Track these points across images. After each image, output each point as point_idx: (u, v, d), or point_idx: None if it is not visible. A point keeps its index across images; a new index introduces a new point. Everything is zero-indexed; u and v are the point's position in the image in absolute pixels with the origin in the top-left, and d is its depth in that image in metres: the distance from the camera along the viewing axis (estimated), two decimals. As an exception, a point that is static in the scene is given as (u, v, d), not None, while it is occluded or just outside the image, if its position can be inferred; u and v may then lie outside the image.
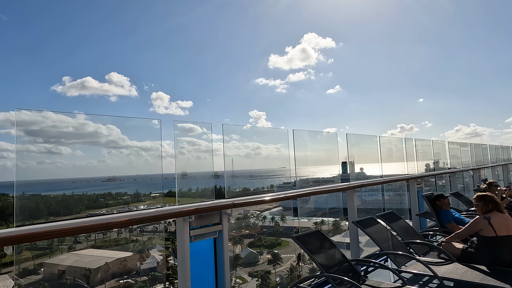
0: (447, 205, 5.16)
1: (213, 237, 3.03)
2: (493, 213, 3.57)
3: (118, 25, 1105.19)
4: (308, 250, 3.16)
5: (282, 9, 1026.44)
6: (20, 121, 2.92)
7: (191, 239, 2.81)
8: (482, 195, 3.79)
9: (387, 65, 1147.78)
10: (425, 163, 9.03)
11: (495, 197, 3.70)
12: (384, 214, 4.56)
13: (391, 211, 4.70)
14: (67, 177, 3.84)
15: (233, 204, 3.08)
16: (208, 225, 2.95)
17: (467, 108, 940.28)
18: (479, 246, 3.55)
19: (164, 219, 2.79)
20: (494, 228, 3.41)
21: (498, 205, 3.62)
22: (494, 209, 3.60)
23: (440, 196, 5.31)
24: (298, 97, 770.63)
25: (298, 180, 6.34)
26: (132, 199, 5.02)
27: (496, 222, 3.45)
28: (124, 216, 2.46)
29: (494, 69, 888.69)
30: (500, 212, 3.59)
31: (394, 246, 3.90)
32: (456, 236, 3.83)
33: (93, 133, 3.59)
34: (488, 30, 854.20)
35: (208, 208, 2.85)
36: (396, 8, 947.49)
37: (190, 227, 2.81)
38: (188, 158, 5.31)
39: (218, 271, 3.05)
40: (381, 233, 4.02)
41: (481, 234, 3.50)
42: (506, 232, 3.41)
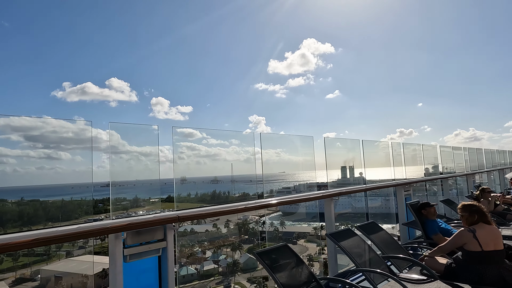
0: (433, 214, 4.84)
1: (156, 255, 2.65)
2: (479, 225, 3.27)
3: (119, 31, 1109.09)
4: (270, 268, 2.84)
5: (281, 15, 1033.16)
6: (20, 126, 2.92)
7: (126, 259, 2.43)
8: (467, 205, 3.47)
9: (386, 70, 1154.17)
10: (425, 167, 8.99)
11: (482, 207, 3.40)
12: (364, 225, 4.28)
13: (372, 221, 4.43)
14: (66, 183, 3.83)
15: (178, 218, 2.69)
16: (151, 241, 2.59)
17: (466, 112, 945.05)
18: (464, 262, 3.21)
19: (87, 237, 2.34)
20: (479, 242, 3.10)
21: (485, 216, 3.32)
22: (480, 221, 3.30)
23: (425, 204, 4.97)
24: (298, 102, 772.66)
25: (298, 185, 6.35)
26: (131, 204, 5.02)
27: (482, 235, 3.14)
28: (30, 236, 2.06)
29: (493, 74, 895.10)
30: (487, 223, 3.29)
31: (372, 261, 3.55)
32: (439, 250, 3.49)
33: (93, 138, 3.58)
34: (487, 35, 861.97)
35: (146, 223, 2.50)
36: (395, 14, 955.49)
37: (125, 245, 2.44)
38: (188, 163, 5.30)
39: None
40: (358, 247, 3.68)
41: (466, 249, 3.19)
42: (493, 247, 3.09)
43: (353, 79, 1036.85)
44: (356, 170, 6.26)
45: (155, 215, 2.71)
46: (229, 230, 24.30)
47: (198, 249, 22.88)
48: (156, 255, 2.63)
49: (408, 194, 6.36)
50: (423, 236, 4.80)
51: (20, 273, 20.01)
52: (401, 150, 7.53)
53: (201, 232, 23.55)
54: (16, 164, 2.96)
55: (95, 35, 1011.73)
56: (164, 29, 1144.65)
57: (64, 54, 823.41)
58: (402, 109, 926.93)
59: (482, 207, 3.39)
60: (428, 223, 4.75)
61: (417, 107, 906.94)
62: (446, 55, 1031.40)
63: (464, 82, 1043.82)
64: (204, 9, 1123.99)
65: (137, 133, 3.96)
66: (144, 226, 2.48)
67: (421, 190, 9.39)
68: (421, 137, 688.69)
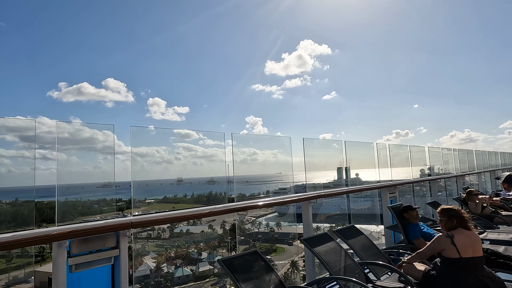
0: (416, 218, 4.69)
1: (109, 264, 2.47)
2: (458, 231, 3.13)
3: (116, 32, 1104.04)
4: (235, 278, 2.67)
5: (278, 16, 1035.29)
6: (15, 126, 2.90)
7: (71, 269, 2.26)
8: (446, 209, 3.33)
9: (382, 72, 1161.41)
10: (420, 168, 9.03)
11: (461, 211, 3.26)
12: (343, 229, 4.10)
13: (351, 225, 4.31)
14: (62, 183, 3.80)
15: (131, 224, 2.51)
16: (102, 249, 2.41)
17: (461, 114, 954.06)
18: (442, 269, 3.11)
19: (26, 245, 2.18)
20: (457, 248, 2.97)
21: (465, 221, 3.17)
22: (459, 226, 3.16)
23: (407, 207, 4.81)
24: (295, 103, 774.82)
25: (294, 186, 6.35)
26: (127, 205, 5.00)
27: (460, 241, 3.02)
28: None
29: (489, 76, 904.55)
30: (466, 229, 3.15)
31: (348, 268, 3.40)
32: (418, 256, 3.36)
33: (89, 139, 3.57)
34: (483, 37, 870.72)
35: (94, 230, 2.33)
36: (391, 16, 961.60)
37: (70, 253, 2.26)
38: (184, 164, 5.30)
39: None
40: (334, 253, 3.52)
41: (444, 255, 3.06)
42: (471, 253, 2.97)
43: (349, 80, 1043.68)
44: (352, 171, 6.28)
45: (106, 221, 2.57)
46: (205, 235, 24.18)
47: (194, 250, 22.82)
48: (108, 264, 2.45)
49: (394, 196, 6.20)
50: (404, 240, 4.66)
51: (13, 275, 19.80)
52: (387, 152, 7.49)
53: (197, 233, 23.50)
54: (11, 164, 2.94)
55: (91, 35, 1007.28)
56: (161, 30, 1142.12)
57: (60, 54, 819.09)
58: (398, 111, 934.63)
59: (462, 212, 3.25)
60: (410, 227, 4.62)
61: (413, 108, 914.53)
62: (442, 56, 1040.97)
63: (459, 83, 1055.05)
64: (201, 10, 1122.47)
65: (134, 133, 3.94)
66: (92, 233, 2.30)
67: (409, 192, 9.42)
68: (417, 138, 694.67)
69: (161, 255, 21.06)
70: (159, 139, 3.97)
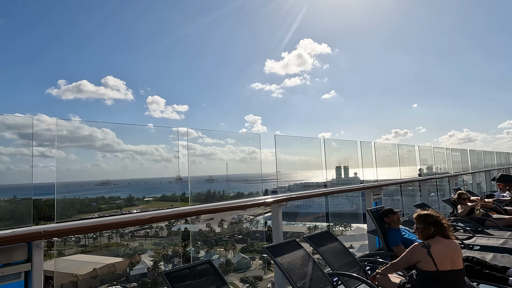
0: (397, 222, 4.36)
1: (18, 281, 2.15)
2: (436, 240, 2.83)
3: (116, 31, 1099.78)
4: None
5: (278, 15, 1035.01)
6: (14, 124, 2.89)
7: None
8: (423, 215, 3.01)
9: (382, 71, 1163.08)
10: (418, 168, 9.01)
11: (440, 217, 2.96)
12: (315, 235, 3.75)
13: (326, 230, 3.97)
14: (60, 181, 3.80)
15: (43, 234, 2.21)
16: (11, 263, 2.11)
17: (460, 113, 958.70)
18: (417, 283, 2.80)
19: None
20: (434, 259, 2.66)
21: (443, 229, 2.87)
22: (437, 234, 2.86)
23: (388, 211, 4.46)
24: (294, 102, 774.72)
25: (292, 185, 6.37)
26: (125, 203, 4.98)
27: (438, 252, 2.71)
28: None
29: (488, 76, 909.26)
30: (445, 237, 2.84)
31: (314, 281, 3.09)
32: (392, 267, 3.03)
33: (88, 136, 3.56)
34: (482, 37, 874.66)
35: None
36: (391, 16, 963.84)
37: None
38: (183, 162, 5.28)
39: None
40: (300, 263, 3.18)
41: (419, 267, 2.75)
42: (450, 265, 2.67)
43: (349, 80, 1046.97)
44: (351, 170, 6.30)
45: (13, 231, 2.22)
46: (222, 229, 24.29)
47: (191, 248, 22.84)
48: (17, 280, 2.13)
49: (378, 198, 5.87)
50: (384, 247, 4.32)
51: (10, 272, 19.74)
52: (372, 152, 6.95)
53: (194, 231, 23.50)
54: (10, 162, 2.93)
55: (91, 33, 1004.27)
56: (161, 29, 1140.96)
57: (60, 52, 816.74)
58: (397, 110, 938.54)
59: (440, 218, 2.95)
60: (390, 233, 4.30)
61: (412, 108, 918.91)
62: (442, 56, 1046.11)
63: (459, 83, 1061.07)
64: (201, 9, 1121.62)
65: (132, 131, 3.94)
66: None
67: (394, 193, 9.33)
68: (416, 137, 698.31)
69: (158, 253, 21.05)
70: (158, 137, 3.97)
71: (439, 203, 8.27)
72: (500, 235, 4.95)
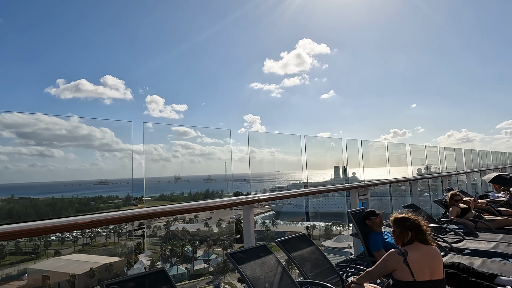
0: (379, 225, 4.11)
1: None
2: (414, 246, 2.57)
3: (115, 29, 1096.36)
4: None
5: (278, 15, 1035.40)
6: (12, 123, 2.88)
7: None
8: (399, 219, 2.75)
9: (380, 71, 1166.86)
10: (417, 168, 8.96)
11: (419, 221, 2.69)
12: (288, 240, 3.42)
13: (301, 234, 3.63)
14: (59, 180, 3.79)
15: None
16: None
17: (459, 113, 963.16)
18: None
19: None
20: (410, 268, 2.41)
21: (422, 234, 2.61)
22: (415, 240, 2.59)
23: (370, 213, 4.18)
24: (293, 102, 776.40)
25: (291, 184, 6.37)
26: (124, 202, 4.97)
27: (415, 259, 2.45)
28: None
29: (487, 76, 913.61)
30: (424, 243, 2.58)
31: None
32: (367, 276, 2.73)
33: (86, 135, 3.55)
34: (481, 37, 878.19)
35: None
36: (390, 15, 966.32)
37: None
38: (182, 162, 5.28)
39: None
40: (268, 271, 2.89)
41: (395, 277, 2.50)
42: (428, 275, 2.43)
43: (348, 80, 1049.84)
44: (349, 170, 6.29)
45: None
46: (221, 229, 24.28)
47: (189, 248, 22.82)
48: None
49: (365, 198, 5.60)
50: (365, 252, 4.03)
51: (7, 272, 19.64)
52: (358, 151, 6.55)
53: (192, 230, 23.49)
54: (8, 161, 2.91)
55: (90, 32, 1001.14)
56: (161, 28, 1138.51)
57: (59, 51, 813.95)
58: (396, 110, 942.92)
59: (419, 222, 2.68)
60: (372, 236, 4.00)
61: (411, 108, 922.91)
62: (440, 56, 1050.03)
63: (457, 83, 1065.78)
64: (200, 10, 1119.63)
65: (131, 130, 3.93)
66: None
67: (383, 193, 9.16)
68: (414, 137, 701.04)
69: (156, 253, 21.01)
70: (157, 136, 3.96)
71: (432, 204, 7.98)
72: (492, 238, 4.74)
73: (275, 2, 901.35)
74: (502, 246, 4.29)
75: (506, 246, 4.27)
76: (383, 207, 10.09)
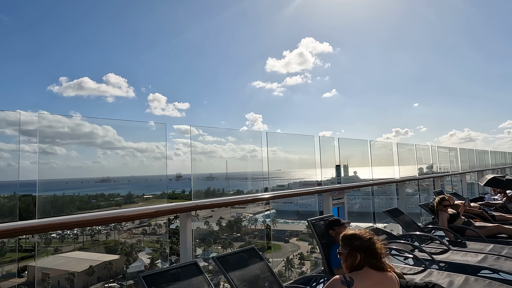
0: None
1: None
2: (363, 273, 2.04)
3: (118, 28, 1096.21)
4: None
5: (280, 14, 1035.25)
6: (15, 120, 2.89)
7: None
8: (348, 236, 2.20)
9: (383, 70, 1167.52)
10: (419, 167, 8.75)
11: (374, 240, 2.14)
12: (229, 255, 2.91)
13: (251, 247, 3.12)
14: (61, 178, 3.80)
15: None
16: None
17: (461, 113, 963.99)
18: None
19: None
20: None
21: (376, 258, 2.07)
22: (366, 264, 2.06)
23: (334, 223, 3.60)
24: (295, 101, 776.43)
25: (292, 183, 6.38)
26: (125, 200, 5.00)
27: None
28: None
29: (490, 75, 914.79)
30: (377, 269, 2.05)
31: None
32: None
33: (88, 133, 3.56)
34: (485, 35, 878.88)
35: None
36: (393, 14, 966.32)
37: None
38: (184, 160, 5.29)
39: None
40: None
41: None
42: None
43: (350, 79, 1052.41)
44: (350, 169, 6.30)
45: None
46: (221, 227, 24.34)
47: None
48: None
49: (340, 203, 5.11)
50: (326, 268, 3.46)
51: (7, 269, 19.69)
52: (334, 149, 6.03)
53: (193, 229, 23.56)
54: (10, 158, 2.93)
55: (93, 30, 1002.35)
56: (163, 27, 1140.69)
57: (62, 49, 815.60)
58: (398, 109, 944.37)
59: (374, 241, 2.14)
60: (334, 250, 3.34)
61: (413, 107, 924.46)
62: (443, 56, 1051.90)
63: (460, 83, 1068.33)
64: (203, 8, 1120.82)
65: (133, 128, 3.94)
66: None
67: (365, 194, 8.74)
68: (416, 137, 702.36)
69: (156, 250, 21.05)
70: (159, 134, 3.97)
71: (420, 208, 6.81)
72: (480, 249, 4.15)
73: (278, 1, 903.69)
74: (491, 260, 3.72)
75: (495, 260, 3.71)
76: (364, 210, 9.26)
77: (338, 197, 5.08)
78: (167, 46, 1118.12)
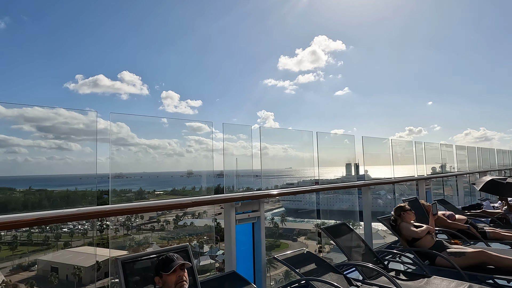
0: None
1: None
2: None
3: (132, 26, 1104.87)
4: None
5: (294, 12, 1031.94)
6: (33, 117, 2.93)
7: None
8: None
9: (396, 68, 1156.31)
10: (432, 166, 8.44)
11: None
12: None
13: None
14: (75, 173, 3.84)
15: None
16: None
17: (477, 112, 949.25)
18: None
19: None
20: None
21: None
22: None
23: None
24: (307, 99, 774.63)
25: (302, 181, 6.35)
26: (136, 196, 5.05)
27: None
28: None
29: (506, 73, 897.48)
30: None
31: None
32: None
33: (103, 130, 3.59)
34: (500, 34, 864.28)
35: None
36: (407, 12, 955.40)
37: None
38: (195, 157, 5.32)
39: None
40: None
41: None
42: None
43: (363, 77, 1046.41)
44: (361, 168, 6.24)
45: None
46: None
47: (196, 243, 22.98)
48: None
49: None
50: None
51: (18, 262, 20.06)
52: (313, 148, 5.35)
53: (200, 226, 23.65)
54: (27, 154, 2.98)
55: (109, 28, 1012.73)
56: (177, 25, 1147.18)
57: (78, 47, 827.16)
58: (412, 107, 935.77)
59: None
60: None
61: (427, 105, 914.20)
62: (457, 53, 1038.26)
63: (475, 81, 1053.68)
64: (216, 7, 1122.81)
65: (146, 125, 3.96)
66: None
67: None
68: (430, 135, 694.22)
69: (163, 246, 21.28)
70: (171, 131, 3.99)
71: None
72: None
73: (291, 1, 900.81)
74: None
75: None
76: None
77: None
78: (179, 45, 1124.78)
